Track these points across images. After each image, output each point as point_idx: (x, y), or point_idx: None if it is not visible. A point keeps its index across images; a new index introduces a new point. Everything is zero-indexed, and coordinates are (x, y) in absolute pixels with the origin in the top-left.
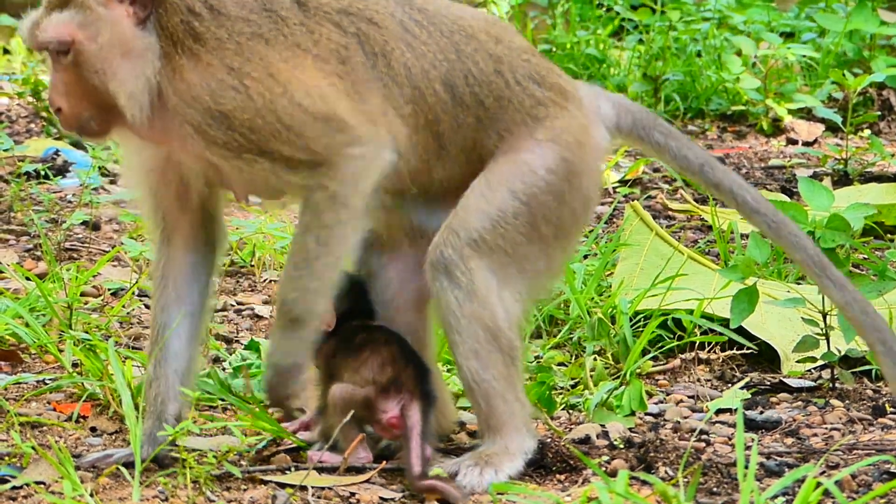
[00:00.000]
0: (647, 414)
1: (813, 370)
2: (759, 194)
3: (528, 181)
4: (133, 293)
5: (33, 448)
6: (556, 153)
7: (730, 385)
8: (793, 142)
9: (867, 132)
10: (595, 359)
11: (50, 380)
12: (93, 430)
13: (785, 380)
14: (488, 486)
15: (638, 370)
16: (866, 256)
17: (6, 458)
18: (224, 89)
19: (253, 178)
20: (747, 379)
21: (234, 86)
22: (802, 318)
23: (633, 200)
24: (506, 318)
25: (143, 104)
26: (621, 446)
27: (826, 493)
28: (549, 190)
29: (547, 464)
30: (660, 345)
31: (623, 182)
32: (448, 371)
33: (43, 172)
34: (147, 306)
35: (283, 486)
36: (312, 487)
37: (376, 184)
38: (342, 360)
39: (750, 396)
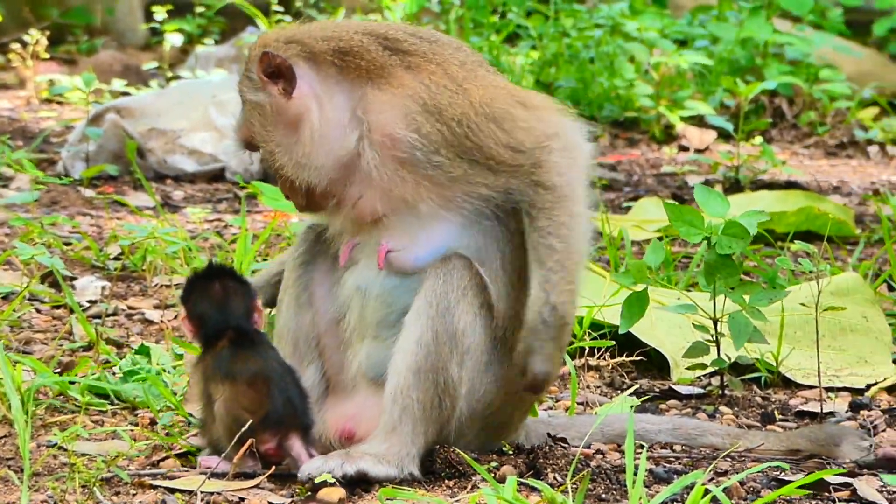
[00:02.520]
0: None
1: (702, 377)
2: None
3: None
4: (23, 297)
5: None
6: None
7: (619, 392)
8: (684, 149)
9: (759, 139)
10: None
11: None
12: None
13: (675, 387)
14: (340, 476)
15: None
16: (756, 264)
17: None
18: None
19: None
20: (637, 386)
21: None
22: (693, 324)
23: None
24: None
25: (326, 161)
26: (510, 452)
27: (714, 499)
28: None
29: (436, 469)
30: None
31: None
32: None
33: None
34: (38, 310)
35: (172, 490)
36: (202, 492)
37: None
38: (220, 383)
39: (640, 403)
